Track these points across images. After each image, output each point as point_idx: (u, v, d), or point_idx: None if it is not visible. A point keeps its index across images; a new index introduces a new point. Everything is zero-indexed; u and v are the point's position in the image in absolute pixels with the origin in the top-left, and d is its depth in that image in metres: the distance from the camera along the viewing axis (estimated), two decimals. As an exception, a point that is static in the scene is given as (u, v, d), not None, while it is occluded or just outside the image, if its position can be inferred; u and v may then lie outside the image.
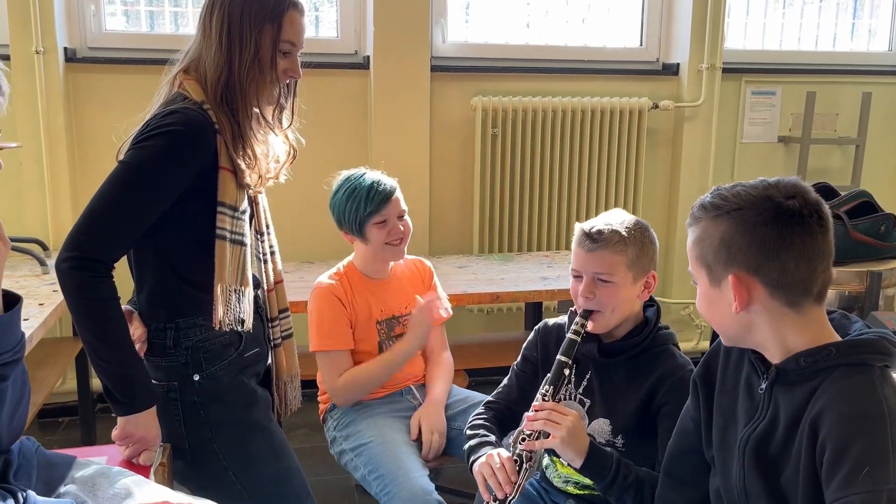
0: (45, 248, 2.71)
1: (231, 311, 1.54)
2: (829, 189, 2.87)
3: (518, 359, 1.70)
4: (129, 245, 1.51)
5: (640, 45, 3.50)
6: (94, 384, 2.88)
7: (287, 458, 1.70)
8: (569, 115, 3.25)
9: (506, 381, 1.71)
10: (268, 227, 1.75)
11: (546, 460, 1.67)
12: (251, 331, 1.62)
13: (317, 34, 3.23)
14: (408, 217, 1.96)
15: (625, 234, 1.48)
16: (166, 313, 1.56)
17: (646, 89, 3.40)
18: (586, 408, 1.57)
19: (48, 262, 2.49)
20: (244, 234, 1.58)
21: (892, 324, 2.49)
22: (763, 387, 1.13)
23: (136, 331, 1.54)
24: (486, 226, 3.29)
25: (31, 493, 1.12)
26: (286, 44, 1.55)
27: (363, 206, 1.87)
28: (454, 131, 3.24)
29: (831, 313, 1.14)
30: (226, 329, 1.56)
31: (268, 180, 1.67)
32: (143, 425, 1.48)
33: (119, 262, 1.49)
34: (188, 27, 3.13)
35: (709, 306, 1.16)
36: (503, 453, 1.46)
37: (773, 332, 1.10)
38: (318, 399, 2.07)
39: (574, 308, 1.56)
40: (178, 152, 1.47)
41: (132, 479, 1.32)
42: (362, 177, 1.92)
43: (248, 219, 1.62)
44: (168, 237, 1.54)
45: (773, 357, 1.12)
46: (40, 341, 2.04)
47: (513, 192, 3.29)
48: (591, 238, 1.48)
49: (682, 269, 3.54)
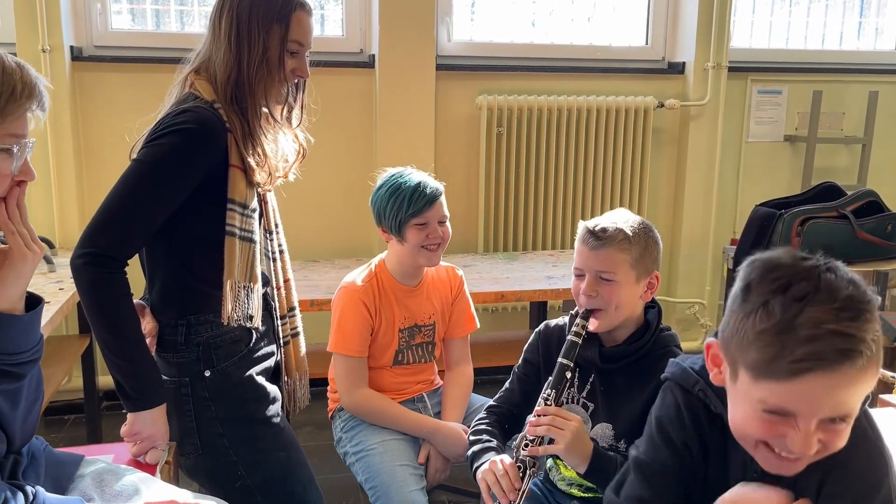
0: (51, 246, 2.72)
1: (240, 307, 1.56)
2: (836, 188, 2.86)
3: (519, 361, 1.69)
4: (144, 242, 1.53)
5: (646, 43, 3.49)
6: (100, 382, 2.89)
7: (296, 453, 1.71)
8: (574, 114, 3.24)
9: (507, 384, 1.70)
10: (277, 225, 1.76)
11: (550, 462, 1.67)
12: (260, 327, 1.64)
13: (322, 33, 3.23)
14: (449, 223, 1.91)
15: (629, 232, 1.47)
16: (177, 309, 1.58)
17: (651, 88, 3.39)
18: (590, 411, 1.56)
19: (55, 260, 2.50)
20: (253, 232, 1.60)
21: (899, 324, 2.48)
22: None
23: (148, 325, 1.57)
24: (490, 225, 3.29)
25: (41, 489, 1.13)
26: (294, 44, 1.58)
27: (405, 207, 1.82)
28: (459, 130, 3.24)
29: None
30: (234, 325, 1.58)
31: (277, 179, 1.69)
32: (153, 423, 1.49)
33: (131, 259, 1.51)
34: (194, 26, 3.13)
35: None
36: (506, 459, 1.46)
37: None
38: (328, 396, 2.06)
39: (574, 309, 1.55)
40: (190, 150, 1.49)
41: (139, 476, 1.33)
42: (408, 176, 1.86)
43: (257, 217, 1.64)
44: (179, 234, 1.55)
45: None
46: (46, 339, 2.03)
47: (517, 191, 3.29)
48: (596, 236, 1.48)
49: (687, 268, 3.54)
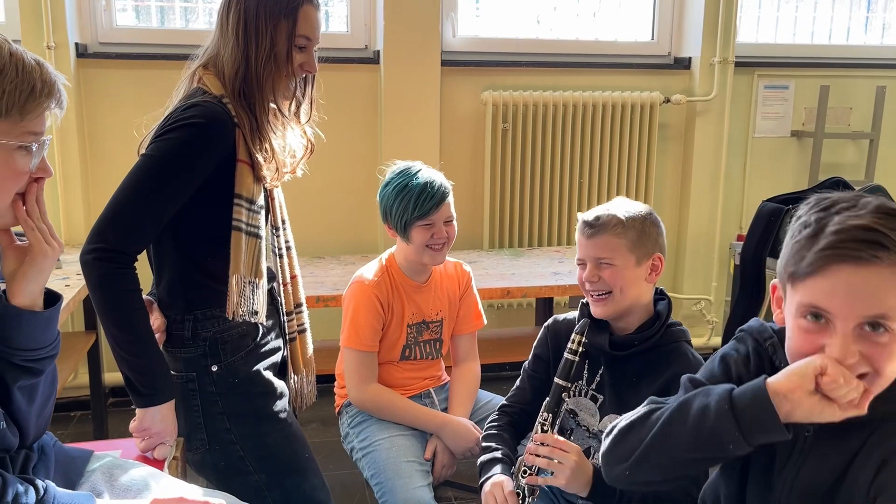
0: (57, 243, 2.72)
1: (245, 302, 1.57)
2: (843, 184, 2.84)
3: (529, 358, 1.70)
4: (153, 236, 1.53)
5: (652, 38, 3.48)
6: (107, 379, 2.90)
7: (303, 449, 1.71)
8: (580, 109, 3.23)
9: (518, 382, 1.71)
10: (284, 222, 1.76)
11: None
12: (265, 322, 1.65)
13: (327, 29, 3.23)
14: (455, 222, 1.89)
15: (623, 217, 1.50)
16: (185, 304, 1.58)
17: (657, 83, 3.38)
18: (598, 404, 1.56)
19: (60, 257, 2.49)
20: (260, 227, 1.60)
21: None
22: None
23: (156, 321, 1.57)
24: (496, 221, 3.29)
25: (51, 483, 1.13)
26: (301, 38, 1.58)
27: (411, 209, 1.80)
28: (464, 126, 3.23)
29: None
30: (239, 320, 1.58)
31: (284, 174, 1.69)
32: (161, 419, 1.50)
33: (140, 254, 1.51)
34: (198, 22, 3.13)
35: None
36: (507, 485, 1.48)
37: None
38: (335, 392, 2.06)
39: (584, 300, 1.57)
40: (199, 145, 1.49)
41: (148, 471, 1.34)
42: (416, 174, 1.83)
43: (264, 213, 1.64)
44: (187, 229, 1.55)
45: None
46: (53, 336, 2.05)
47: (523, 186, 3.28)
48: (590, 225, 1.51)
49: (694, 264, 3.52)
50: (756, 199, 2.99)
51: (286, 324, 1.78)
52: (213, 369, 1.59)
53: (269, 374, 1.67)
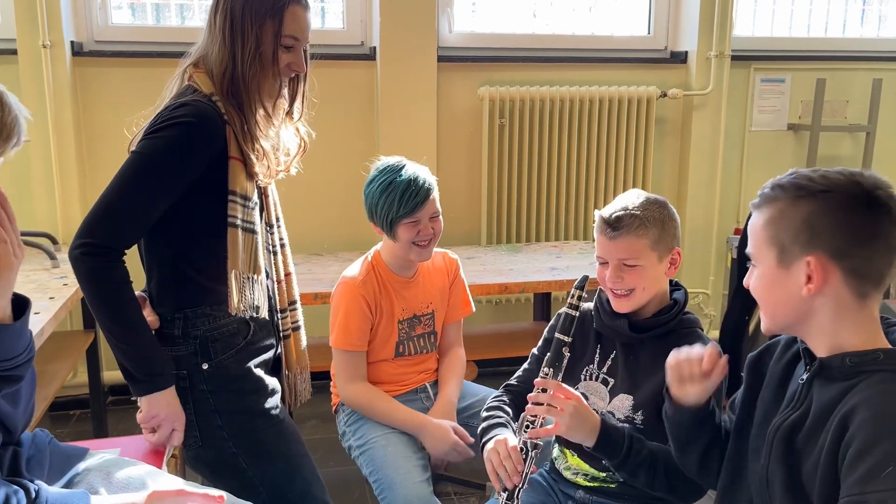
0: (54, 241, 2.72)
1: (245, 298, 1.57)
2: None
3: (540, 342, 1.70)
4: (142, 233, 1.54)
5: (648, 33, 3.48)
6: (106, 377, 2.90)
7: (297, 445, 1.72)
8: (576, 104, 3.23)
9: (526, 364, 1.71)
10: (278, 219, 1.76)
11: (556, 451, 1.67)
12: (264, 318, 1.65)
13: (323, 25, 3.22)
14: (441, 217, 1.89)
15: (644, 216, 1.49)
16: (174, 302, 1.59)
17: (654, 78, 3.38)
18: (609, 387, 1.57)
19: (58, 255, 2.50)
20: (255, 223, 1.60)
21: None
22: (804, 378, 1.12)
23: (149, 318, 1.57)
24: (494, 216, 3.29)
25: (43, 485, 1.13)
26: (288, 38, 1.57)
27: (396, 207, 1.80)
28: (461, 122, 3.23)
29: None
30: (241, 315, 1.59)
31: (278, 173, 1.69)
32: (167, 404, 1.51)
33: (130, 252, 1.51)
34: (194, 20, 3.13)
35: (769, 288, 1.13)
36: (510, 440, 1.47)
37: (830, 323, 1.07)
38: (332, 391, 2.07)
39: (600, 288, 1.58)
40: (189, 142, 1.49)
41: (146, 469, 1.34)
42: (400, 171, 1.82)
43: (258, 210, 1.64)
44: (177, 226, 1.56)
45: (819, 350, 1.10)
46: (51, 335, 2.06)
47: (521, 182, 3.28)
48: (611, 226, 1.50)
49: (691, 258, 3.53)
50: (753, 192, 2.98)
51: (280, 321, 1.79)
52: (204, 367, 1.59)
53: (260, 372, 1.67)
